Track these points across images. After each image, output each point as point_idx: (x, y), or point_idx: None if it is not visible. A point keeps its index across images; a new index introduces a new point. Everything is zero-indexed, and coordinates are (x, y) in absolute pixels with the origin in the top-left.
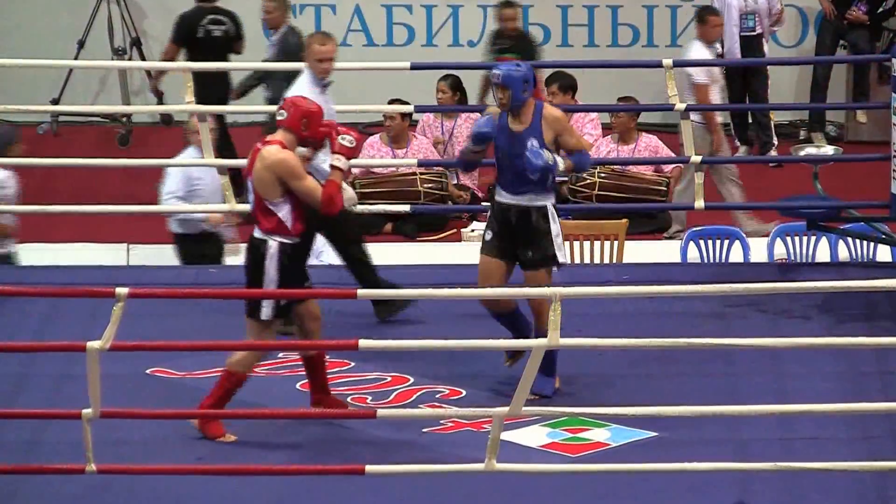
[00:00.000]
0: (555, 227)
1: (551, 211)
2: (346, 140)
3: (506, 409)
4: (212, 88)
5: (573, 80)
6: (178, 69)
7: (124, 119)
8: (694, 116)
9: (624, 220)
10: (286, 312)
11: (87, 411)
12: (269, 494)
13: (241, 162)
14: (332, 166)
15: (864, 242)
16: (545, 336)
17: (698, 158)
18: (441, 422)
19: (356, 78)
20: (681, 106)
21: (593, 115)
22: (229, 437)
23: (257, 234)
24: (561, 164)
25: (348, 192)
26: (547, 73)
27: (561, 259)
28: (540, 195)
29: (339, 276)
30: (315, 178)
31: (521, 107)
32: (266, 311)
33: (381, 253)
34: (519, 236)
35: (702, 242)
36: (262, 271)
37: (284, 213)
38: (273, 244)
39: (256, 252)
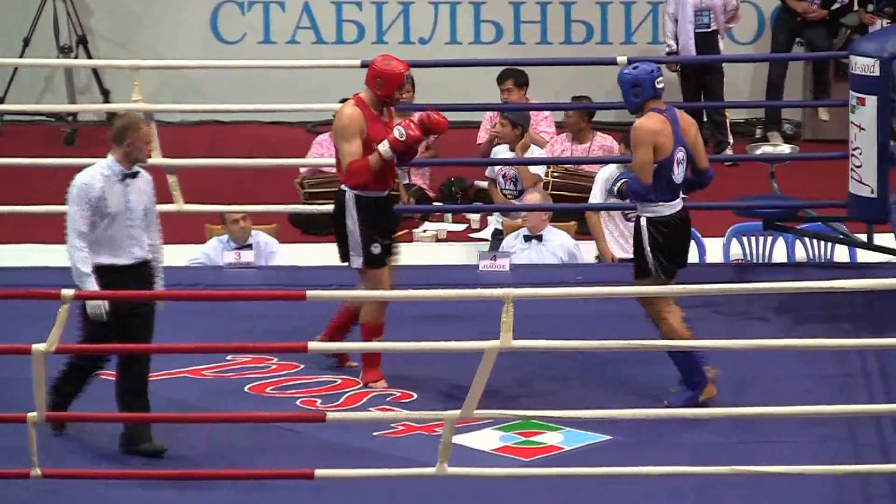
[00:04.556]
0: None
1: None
2: (397, 132)
3: (457, 412)
4: None
5: (527, 76)
6: (125, 67)
7: (70, 118)
8: None
9: (573, 222)
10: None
11: (32, 415)
12: (217, 500)
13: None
14: (375, 148)
15: (822, 242)
16: None
17: None
18: (392, 425)
19: (305, 76)
20: None
21: (546, 112)
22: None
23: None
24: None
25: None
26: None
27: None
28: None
29: (288, 277)
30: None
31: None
32: (357, 260)
33: (332, 254)
34: None
35: None
36: (342, 222)
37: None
38: (348, 194)
39: (338, 203)
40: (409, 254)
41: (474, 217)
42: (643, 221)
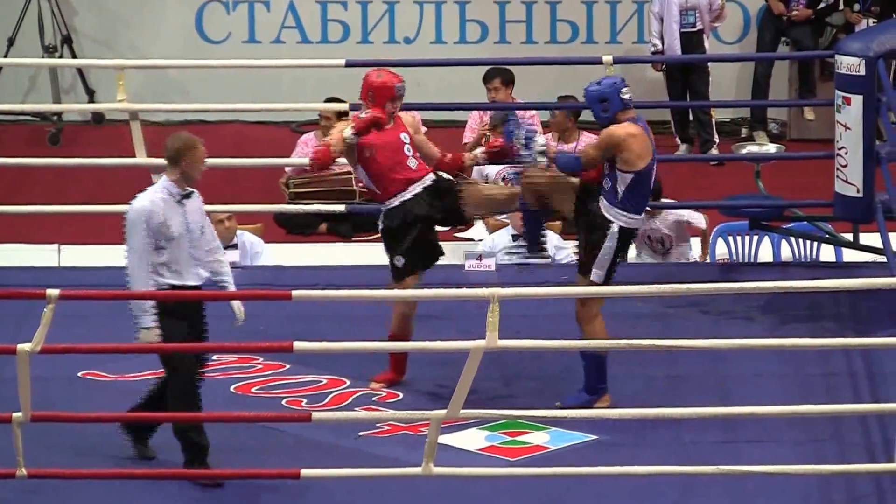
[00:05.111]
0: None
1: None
2: (361, 114)
3: (443, 411)
4: None
5: (513, 74)
6: (109, 67)
7: (55, 118)
8: None
9: (558, 222)
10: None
11: (17, 415)
12: (204, 499)
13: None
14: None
15: (808, 242)
16: None
17: None
18: (378, 425)
19: (290, 75)
20: None
21: (533, 112)
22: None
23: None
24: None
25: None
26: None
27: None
28: None
29: (273, 277)
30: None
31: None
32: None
33: (317, 254)
34: None
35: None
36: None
37: (364, 178)
38: (381, 220)
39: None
40: None
41: None
42: (614, 227)
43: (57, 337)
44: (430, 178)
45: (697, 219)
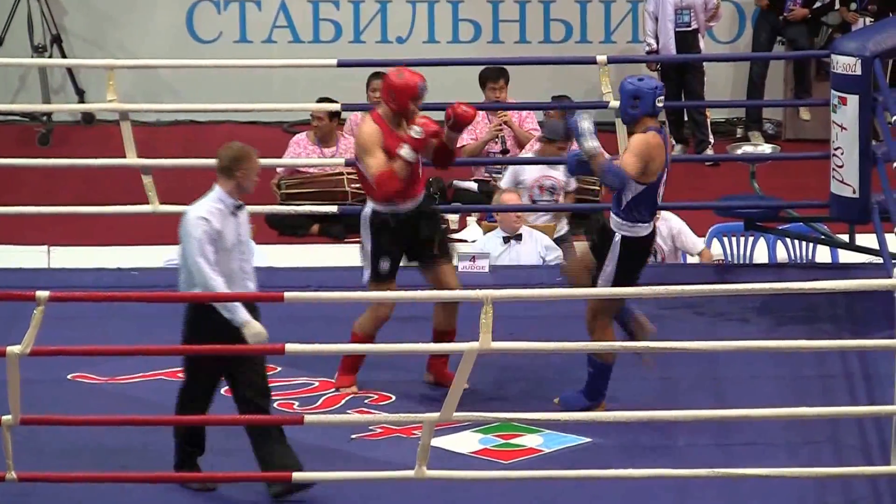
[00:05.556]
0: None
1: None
2: (414, 131)
3: (436, 414)
4: None
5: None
6: (99, 66)
7: (44, 118)
8: None
9: (552, 224)
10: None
11: (6, 418)
12: (195, 502)
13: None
14: (397, 154)
15: (804, 243)
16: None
17: None
18: (370, 428)
19: (282, 75)
20: (614, 103)
21: (526, 112)
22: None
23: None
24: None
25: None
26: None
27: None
28: None
29: (265, 278)
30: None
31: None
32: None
33: (309, 255)
34: None
35: None
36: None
37: (369, 176)
38: (367, 209)
39: (361, 217)
40: None
41: (453, 218)
42: (618, 237)
43: (47, 339)
44: (421, 198)
45: (692, 242)
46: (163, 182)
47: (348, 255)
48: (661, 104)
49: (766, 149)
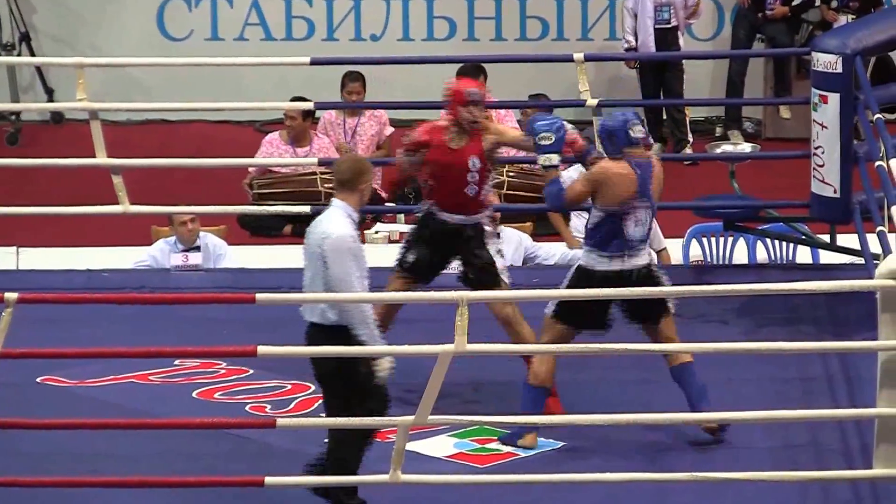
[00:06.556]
0: None
1: None
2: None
3: (411, 418)
4: None
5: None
6: (69, 65)
7: (13, 117)
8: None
9: (528, 223)
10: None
11: None
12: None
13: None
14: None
15: (784, 243)
16: None
17: None
18: None
19: (254, 74)
20: (592, 102)
21: (504, 111)
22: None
23: None
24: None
25: None
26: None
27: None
28: None
29: (237, 279)
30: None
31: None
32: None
33: (281, 256)
34: None
35: None
36: None
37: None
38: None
39: None
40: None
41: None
42: (575, 262)
43: (16, 341)
44: (473, 220)
45: (658, 240)
46: (133, 182)
47: None
48: (637, 134)
49: (746, 148)
